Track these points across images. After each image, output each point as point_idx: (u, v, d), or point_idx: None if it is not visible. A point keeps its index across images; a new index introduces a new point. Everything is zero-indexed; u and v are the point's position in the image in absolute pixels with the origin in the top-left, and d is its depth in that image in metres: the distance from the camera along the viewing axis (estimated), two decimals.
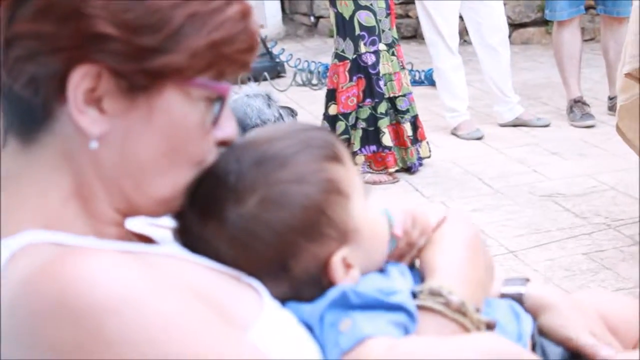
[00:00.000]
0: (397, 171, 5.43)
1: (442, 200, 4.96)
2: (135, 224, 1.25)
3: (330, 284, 1.19)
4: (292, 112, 4.16)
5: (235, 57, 1.15)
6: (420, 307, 1.19)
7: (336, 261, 1.19)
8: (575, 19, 6.27)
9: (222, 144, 1.20)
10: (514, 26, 9.24)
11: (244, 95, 3.80)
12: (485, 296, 1.30)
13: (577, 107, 6.25)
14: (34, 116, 1.12)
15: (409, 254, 1.32)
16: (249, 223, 1.16)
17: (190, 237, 1.20)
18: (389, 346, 1.10)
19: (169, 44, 1.09)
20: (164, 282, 1.04)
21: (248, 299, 1.13)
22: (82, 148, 1.12)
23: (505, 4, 6.29)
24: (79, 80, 1.08)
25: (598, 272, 3.88)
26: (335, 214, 1.19)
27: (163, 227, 1.27)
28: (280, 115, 3.77)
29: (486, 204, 4.87)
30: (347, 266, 1.20)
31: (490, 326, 1.24)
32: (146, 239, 1.25)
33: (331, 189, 1.19)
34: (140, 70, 1.09)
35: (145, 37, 1.08)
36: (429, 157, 5.58)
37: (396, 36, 5.50)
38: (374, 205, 1.27)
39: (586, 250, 4.13)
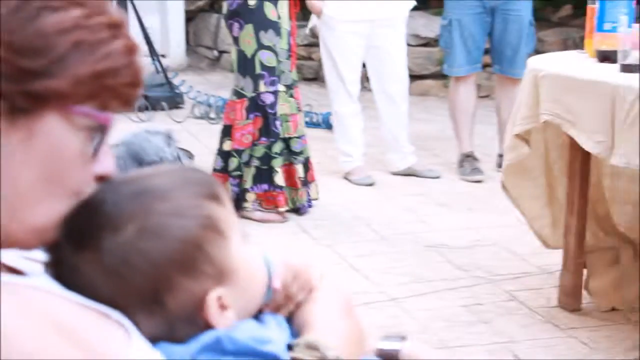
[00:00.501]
0: (287, 211, 5.46)
1: (328, 243, 5.00)
2: (7, 257, 1.20)
3: (206, 323, 1.18)
4: (190, 155, 4.16)
5: (119, 90, 1.14)
6: None
7: (211, 299, 1.18)
8: (472, 75, 6.42)
9: (100, 179, 1.18)
10: (413, 77, 9.38)
11: (144, 131, 3.79)
12: (361, 356, 1.30)
13: (467, 162, 6.38)
14: None
15: (286, 307, 1.33)
16: (125, 252, 1.14)
17: (64, 269, 1.16)
18: None
19: (52, 69, 1.08)
20: (27, 313, 1.02)
21: (115, 337, 1.10)
22: None
23: (406, 55, 6.39)
24: None
25: (475, 325, 3.96)
26: (213, 252, 1.18)
27: (35, 261, 1.23)
28: (178, 156, 3.77)
29: (372, 249, 4.92)
30: (222, 307, 1.19)
31: None
32: (16, 272, 1.21)
33: (209, 225, 1.18)
34: (22, 92, 1.07)
35: (30, 60, 1.07)
36: (317, 199, 5.63)
37: (295, 78, 5.55)
38: (253, 251, 1.27)
39: (465, 302, 4.20)
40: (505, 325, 3.96)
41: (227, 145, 5.39)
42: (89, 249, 1.15)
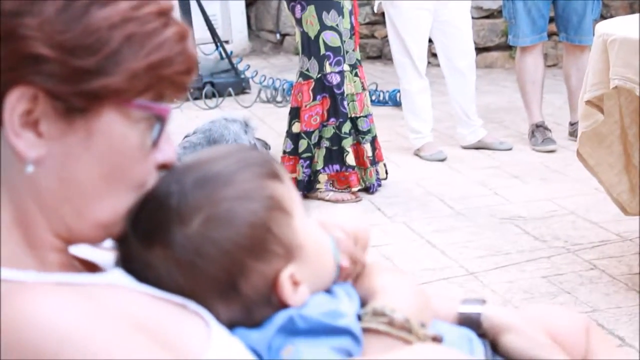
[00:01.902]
0: (358, 191, 5.46)
1: (403, 220, 4.99)
2: (80, 250, 1.23)
3: (281, 302, 1.19)
4: (266, 145, 4.18)
5: (174, 78, 1.14)
6: (365, 330, 1.20)
7: (284, 278, 1.19)
8: (538, 45, 6.34)
9: (162, 167, 1.19)
10: (477, 50, 9.29)
11: (222, 118, 3.81)
12: (428, 315, 1.30)
13: (539, 132, 6.31)
14: None
15: (354, 271, 1.33)
16: (195, 243, 1.14)
17: (134, 263, 1.17)
18: None
19: (106, 66, 1.08)
20: (106, 318, 1.02)
21: (195, 329, 1.11)
22: (20, 174, 1.09)
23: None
24: (15, 102, 1.06)
25: (557, 296, 3.91)
26: (280, 231, 1.19)
27: (107, 250, 1.24)
28: (255, 145, 3.79)
29: (447, 225, 4.89)
30: (295, 283, 1.20)
31: (437, 340, 1.24)
32: (91, 265, 1.23)
33: (274, 205, 1.19)
34: (78, 92, 1.07)
35: (82, 59, 1.07)
36: (385, 178, 5.61)
37: (359, 57, 5.53)
38: (315, 223, 1.28)
39: (545, 273, 4.16)
40: (588, 294, 3.91)
41: (296, 128, 5.40)
42: (159, 244, 1.15)
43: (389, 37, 6.25)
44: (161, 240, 1.15)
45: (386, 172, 5.62)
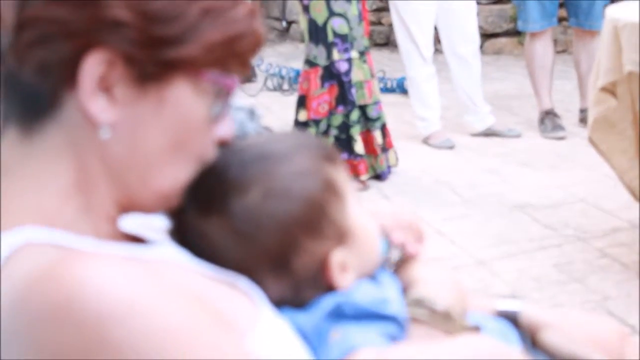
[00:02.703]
0: (367, 179, 5.42)
1: (412, 208, 4.96)
2: (127, 225, 1.23)
3: (328, 285, 1.20)
4: (269, 131, 4.16)
5: (244, 54, 1.17)
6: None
7: (334, 261, 1.20)
8: (548, 30, 6.29)
9: (221, 143, 1.21)
10: (486, 36, 9.27)
11: (230, 114, 3.81)
12: (466, 307, 1.31)
13: (548, 119, 6.27)
14: (40, 104, 1.10)
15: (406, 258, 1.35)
16: (252, 214, 1.17)
17: (190, 234, 1.19)
18: (378, 355, 1.11)
19: (185, 36, 1.10)
20: (168, 290, 1.02)
21: (244, 307, 1.12)
22: (89, 138, 1.10)
23: (477, 14, 6.30)
24: (92, 66, 1.07)
25: (567, 284, 3.88)
26: (333, 213, 1.21)
27: (153, 229, 1.26)
28: (260, 132, 3.77)
29: (456, 213, 4.86)
30: (343, 268, 1.21)
31: (476, 332, 1.25)
32: (137, 240, 1.24)
33: (329, 187, 1.21)
34: (154, 60, 1.09)
35: (162, 27, 1.09)
36: (395, 165, 5.59)
37: (367, 44, 5.49)
38: (365, 212, 1.29)
39: (555, 261, 4.13)
40: (599, 282, 3.88)
41: (303, 116, 5.37)
42: (216, 213, 1.18)
43: (394, 24, 6.21)
44: (219, 209, 1.17)
45: (397, 159, 5.59)
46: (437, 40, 6.40)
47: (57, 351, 0.96)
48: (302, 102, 5.40)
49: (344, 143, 5.32)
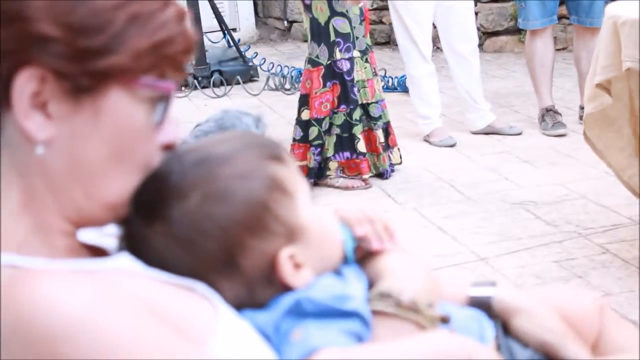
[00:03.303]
0: (370, 177, 5.44)
1: (414, 206, 4.98)
2: (87, 236, 1.23)
3: (282, 283, 1.20)
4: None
5: (175, 57, 1.16)
6: (373, 312, 1.20)
7: (283, 258, 1.20)
8: (548, 28, 6.31)
9: (166, 147, 1.20)
10: (486, 34, 9.29)
11: (236, 110, 3.81)
12: (436, 295, 1.29)
13: (549, 116, 6.28)
14: None
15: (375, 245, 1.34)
16: (193, 219, 1.16)
17: (138, 242, 1.19)
18: (337, 356, 1.10)
19: (112, 45, 1.09)
20: (118, 302, 1.03)
21: (203, 312, 1.12)
22: (30, 156, 1.10)
23: (477, 12, 6.32)
24: (24, 84, 1.07)
25: (569, 280, 3.90)
26: (280, 211, 1.20)
27: (113, 237, 1.26)
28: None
29: (458, 211, 4.88)
30: (297, 265, 1.21)
31: (445, 320, 1.24)
32: (98, 251, 1.24)
33: (274, 186, 1.20)
34: (85, 72, 1.09)
35: (89, 38, 1.08)
36: (399, 163, 5.60)
37: (369, 43, 5.52)
38: (323, 210, 1.29)
39: (557, 258, 4.15)
40: (600, 279, 3.90)
41: (306, 115, 5.39)
42: (158, 220, 1.17)
43: (393, 23, 6.23)
44: (160, 216, 1.17)
45: (400, 157, 5.60)
46: (437, 38, 6.42)
47: None
48: (304, 101, 5.42)
49: (347, 142, 5.34)
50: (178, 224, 1.16)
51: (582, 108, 6.26)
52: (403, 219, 4.75)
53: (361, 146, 5.34)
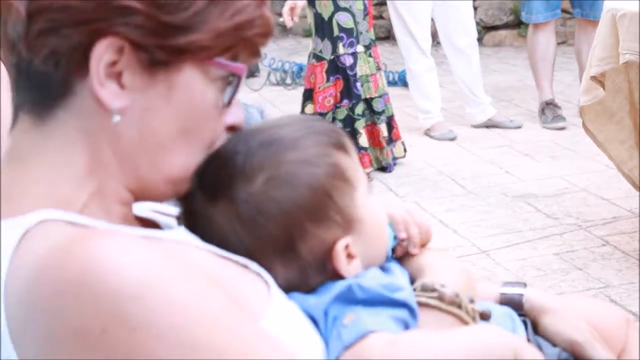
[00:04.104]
0: (373, 170, 5.47)
1: (415, 200, 5.01)
2: (141, 210, 1.25)
3: (335, 272, 1.21)
4: None
5: (254, 40, 1.17)
6: (417, 304, 1.21)
7: (340, 247, 1.20)
8: (551, 22, 6.33)
9: (231, 128, 1.22)
10: (486, 29, 9.31)
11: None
12: (474, 292, 1.31)
13: (549, 110, 6.31)
14: (52, 91, 1.11)
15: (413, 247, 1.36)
16: (257, 201, 1.17)
17: (199, 219, 1.20)
18: (389, 341, 1.11)
19: (193, 23, 1.11)
20: (183, 267, 1.04)
21: (257, 288, 1.13)
22: (101, 124, 1.12)
23: (477, 7, 6.34)
24: (102, 52, 1.08)
25: (569, 272, 3.93)
26: (340, 200, 1.21)
27: (166, 215, 1.28)
28: None
29: (459, 204, 4.92)
30: (350, 256, 1.22)
31: (485, 317, 1.26)
32: (151, 224, 1.26)
33: (337, 174, 1.21)
34: (163, 46, 1.10)
35: (171, 14, 1.10)
36: (403, 156, 5.63)
37: (373, 38, 5.54)
38: (377, 202, 1.29)
39: (557, 250, 4.18)
40: (600, 270, 3.93)
41: (309, 109, 5.41)
42: (222, 199, 1.19)
43: (391, 18, 6.27)
44: (225, 195, 1.18)
45: (404, 150, 5.62)
46: (437, 32, 6.44)
47: (74, 324, 0.97)
48: (308, 96, 5.45)
49: (349, 136, 5.33)
50: (242, 205, 1.17)
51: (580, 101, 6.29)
52: None
53: (363, 141, 5.37)
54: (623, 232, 4.32)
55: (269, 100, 7.43)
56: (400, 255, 1.35)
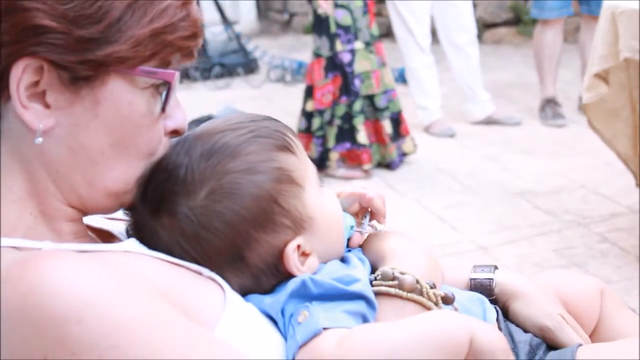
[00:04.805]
0: (377, 167, 5.47)
1: (415, 196, 5.01)
2: (93, 220, 1.24)
3: (288, 273, 1.19)
4: None
5: (179, 44, 1.14)
6: (376, 293, 1.20)
7: (290, 250, 1.19)
8: (561, 20, 6.32)
9: (174, 133, 1.20)
10: (485, 26, 9.30)
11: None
12: (438, 276, 1.29)
13: (550, 107, 6.31)
14: None
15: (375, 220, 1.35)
16: (200, 216, 1.15)
17: (144, 232, 1.18)
18: (342, 337, 1.09)
19: (110, 34, 1.09)
20: (126, 282, 1.03)
21: (211, 294, 1.12)
22: (31, 145, 1.10)
23: (476, 5, 6.34)
24: (21, 74, 1.07)
25: (568, 269, 3.93)
26: (288, 203, 1.19)
27: (121, 221, 1.26)
28: None
29: (458, 200, 4.92)
30: (304, 254, 1.21)
31: (448, 300, 1.23)
32: (105, 234, 1.25)
33: (282, 178, 1.19)
34: (82, 61, 1.08)
35: (86, 28, 1.08)
36: (413, 152, 5.59)
37: (376, 34, 5.53)
38: (329, 196, 1.28)
39: (556, 247, 4.19)
40: (599, 267, 3.93)
41: (310, 106, 5.42)
42: (165, 214, 1.17)
43: (390, 15, 6.27)
44: (167, 210, 1.17)
45: (415, 146, 5.59)
46: (436, 30, 6.44)
47: (18, 350, 0.97)
48: (308, 92, 5.45)
49: (347, 133, 5.36)
50: (185, 221, 1.16)
51: (582, 99, 6.28)
52: (404, 209, 4.79)
53: (361, 137, 5.37)
54: (622, 229, 4.32)
55: (268, 97, 7.44)
56: (359, 244, 1.33)
